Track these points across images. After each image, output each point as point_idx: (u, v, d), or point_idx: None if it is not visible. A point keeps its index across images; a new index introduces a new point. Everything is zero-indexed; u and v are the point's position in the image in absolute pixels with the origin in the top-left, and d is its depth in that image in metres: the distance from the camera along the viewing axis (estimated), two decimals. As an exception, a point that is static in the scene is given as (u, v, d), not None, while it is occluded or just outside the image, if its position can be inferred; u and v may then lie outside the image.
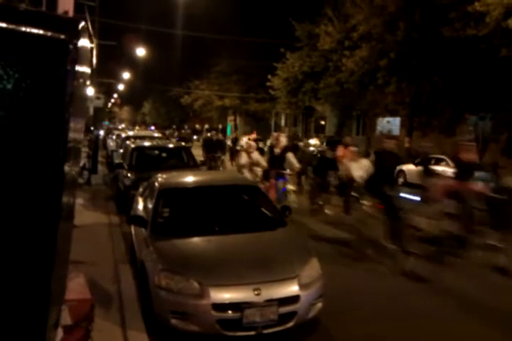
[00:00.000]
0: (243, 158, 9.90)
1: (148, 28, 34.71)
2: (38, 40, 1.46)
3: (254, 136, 24.37)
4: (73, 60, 1.51)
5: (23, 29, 1.44)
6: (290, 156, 9.97)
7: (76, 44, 1.50)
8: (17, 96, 1.44)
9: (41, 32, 1.46)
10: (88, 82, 2.17)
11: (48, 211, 1.51)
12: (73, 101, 1.57)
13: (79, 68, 1.60)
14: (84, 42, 1.65)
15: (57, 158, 1.52)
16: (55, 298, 1.71)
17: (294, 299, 4.36)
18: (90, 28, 19.59)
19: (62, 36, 1.48)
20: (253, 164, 9.85)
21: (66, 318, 2.56)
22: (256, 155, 10.01)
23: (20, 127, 1.47)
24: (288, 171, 10.05)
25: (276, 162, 9.88)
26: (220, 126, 48.93)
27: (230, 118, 48.61)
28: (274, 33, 29.37)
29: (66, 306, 2.63)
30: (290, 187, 10.38)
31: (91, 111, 19.20)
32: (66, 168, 1.56)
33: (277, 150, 9.94)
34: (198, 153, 15.20)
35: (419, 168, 13.90)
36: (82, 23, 1.59)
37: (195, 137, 37.80)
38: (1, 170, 1.47)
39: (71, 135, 1.60)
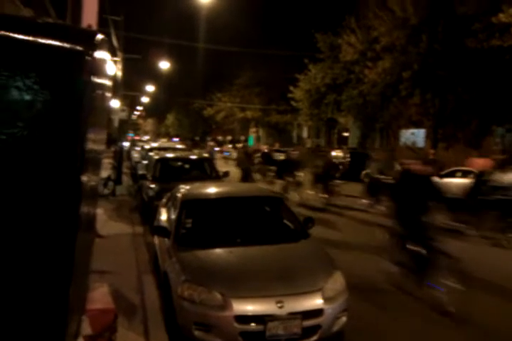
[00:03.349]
0: None
1: (172, 42, 35.30)
2: (56, 51, 1.48)
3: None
4: (90, 71, 1.52)
5: (41, 41, 1.46)
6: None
7: (93, 55, 1.52)
8: (35, 107, 1.46)
9: (58, 43, 1.48)
10: (109, 94, 2.19)
11: (65, 221, 1.51)
12: (91, 112, 1.58)
13: (97, 79, 1.62)
14: (102, 54, 1.67)
15: (75, 169, 1.52)
16: (74, 308, 1.71)
17: (317, 312, 4.29)
18: (116, 42, 20.03)
19: (79, 48, 1.50)
20: None
21: (87, 328, 2.56)
22: None
23: (38, 138, 1.48)
24: None
25: None
26: (243, 138, 49.14)
27: (252, 130, 48.79)
28: (297, 44, 29.53)
29: (88, 316, 2.63)
30: None
31: (116, 123, 19.51)
32: (84, 178, 1.57)
33: None
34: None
35: (445, 180, 13.72)
36: (100, 35, 1.61)
37: (216, 149, 36.66)
38: (19, 181, 1.48)
39: (90, 145, 1.60)
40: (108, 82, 2.20)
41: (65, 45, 1.54)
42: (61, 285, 1.60)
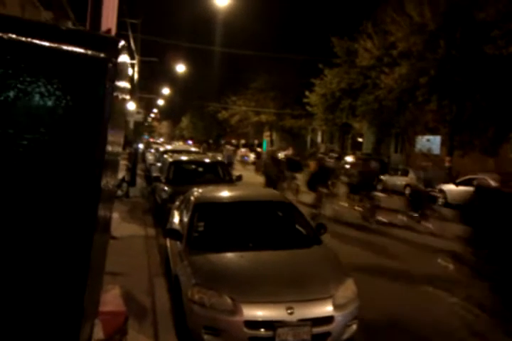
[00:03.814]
0: None
1: (189, 45, 35.59)
2: (78, 58, 1.51)
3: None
4: (112, 78, 1.55)
5: (64, 47, 1.49)
6: None
7: (115, 62, 1.54)
8: (57, 113, 1.49)
9: (81, 50, 1.51)
10: (128, 97, 2.21)
11: (83, 224, 1.54)
12: (112, 117, 1.61)
13: (118, 85, 1.64)
14: (123, 60, 1.69)
15: (95, 173, 1.55)
16: (88, 312, 1.72)
17: (327, 320, 4.26)
18: (133, 45, 20.26)
19: (102, 55, 1.52)
20: None
21: (99, 332, 2.57)
22: None
23: (59, 143, 1.51)
24: None
25: None
26: (256, 142, 49.19)
27: (266, 134, 48.82)
28: (313, 49, 29.51)
29: (99, 319, 2.64)
30: None
31: (131, 125, 19.68)
32: (103, 181, 1.59)
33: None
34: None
35: (460, 188, 13.57)
36: (122, 42, 1.63)
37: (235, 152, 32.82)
38: (40, 185, 1.51)
39: (109, 148, 1.63)
40: (128, 86, 2.23)
41: (88, 51, 1.56)
42: (76, 289, 1.61)
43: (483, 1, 16.53)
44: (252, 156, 33.30)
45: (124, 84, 1.95)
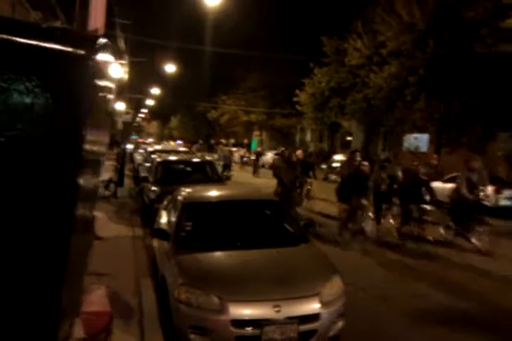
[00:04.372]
0: None
1: (179, 45, 35.46)
2: (57, 55, 1.50)
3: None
4: (92, 75, 1.54)
5: (43, 45, 1.48)
6: None
7: (95, 60, 1.54)
8: (35, 110, 1.48)
9: (60, 48, 1.50)
10: (112, 96, 2.19)
11: (60, 223, 1.52)
12: (92, 115, 1.60)
13: (98, 83, 1.63)
14: (104, 58, 1.68)
15: (73, 171, 1.54)
16: (66, 310, 1.71)
17: (314, 317, 4.27)
18: (123, 45, 20.13)
19: (81, 52, 1.52)
20: None
21: (79, 331, 2.55)
22: None
23: (37, 140, 1.50)
24: None
25: None
26: (246, 141, 49.19)
27: (256, 133, 48.85)
28: (303, 48, 29.57)
29: (82, 318, 2.63)
30: None
31: (120, 126, 19.58)
32: (82, 180, 1.58)
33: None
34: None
35: (447, 185, 13.60)
36: (102, 40, 1.63)
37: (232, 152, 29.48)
38: (16, 182, 1.49)
39: (89, 147, 1.62)
40: (110, 85, 2.22)
41: (67, 49, 1.56)
42: (53, 288, 1.60)
43: (471, 0, 16.68)
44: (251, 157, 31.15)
45: (105, 82, 1.94)
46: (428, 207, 9.52)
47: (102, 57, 1.64)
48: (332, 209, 11.95)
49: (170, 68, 35.82)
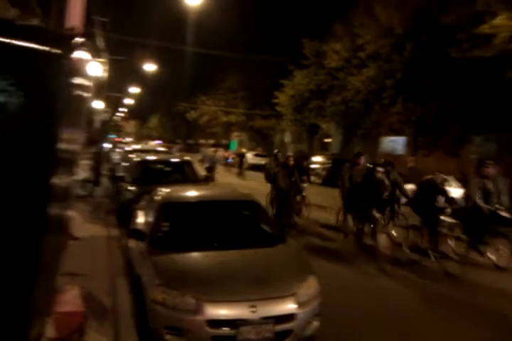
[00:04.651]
0: None
1: (159, 44, 35.16)
2: (32, 54, 1.49)
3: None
4: (67, 74, 1.53)
5: (18, 43, 1.46)
6: None
7: (70, 58, 1.52)
8: (8, 109, 1.46)
9: (36, 46, 1.49)
10: (88, 94, 2.18)
11: (33, 222, 1.51)
12: (67, 113, 1.58)
13: (74, 81, 1.62)
14: (81, 56, 1.67)
15: (46, 170, 1.52)
16: (38, 310, 1.69)
17: (290, 317, 4.30)
18: (102, 44, 19.89)
19: (57, 50, 1.50)
20: None
21: (51, 331, 2.53)
22: None
23: (10, 138, 1.48)
24: None
25: None
26: (225, 142, 49.12)
27: (235, 134, 48.82)
28: (283, 50, 29.69)
29: (55, 318, 2.60)
30: None
31: (97, 124, 19.34)
32: (55, 180, 1.56)
33: None
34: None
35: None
36: (78, 38, 1.62)
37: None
38: None
39: (63, 146, 1.60)
40: (87, 83, 2.19)
41: (43, 47, 1.54)
42: (25, 287, 1.58)
43: (449, 6, 17.02)
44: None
45: (82, 80, 1.92)
46: (447, 218, 8.33)
47: (78, 55, 1.63)
48: (328, 216, 11.66)
49: (149, 67, 35.57)
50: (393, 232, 8.75)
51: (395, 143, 24.60)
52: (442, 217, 8.24)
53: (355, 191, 9.13)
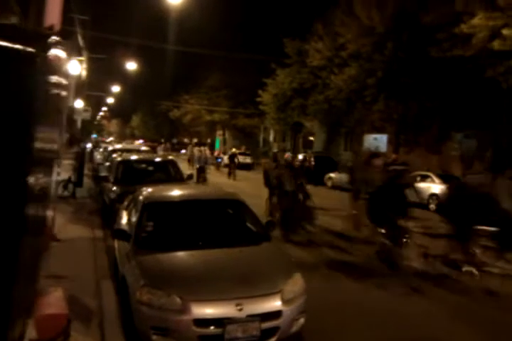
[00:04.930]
0: None
1: (140, 42, 34.88)
2: (6, 52, 1.46)
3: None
4: (43, 73, 1.51)
5: None
6: None
7: (45, 56, 1.51)
8: None
9: (9, 45, 1.46)
10: (65, 93, 2.15)
11: (10, 223, 1.48)
12: (43, 112, 1.56)
13: (49, 79, 1.60)
14: (57, 55, 1.65)
15: (22, 170, 1.50)
16: (18, 311, 1.67)
17: (276, 314, 4.31)
18: (82, 42, 19.65)
19: (31, 49, 1.48)
20: None
21: (32, 332, 2.50)
22: None
23: None
24: None
25: None
26: (209, 141, 48.98)
27: (219, 132, 48.74)
28: (266, 48, 29.71)
29: (37, 320, 2.57)
30: None
31: (79, 124, 19.11)
32: (32, 180, 1.54)
33: None
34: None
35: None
36: (54, 37, 1.60)
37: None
38: None
39: (40, 145, 1.58)
40: (65, 82, 2.16)
41: (16, 46, 1.52)
42: (3, 288, 1.56)
43: (429, 5, 17.23)
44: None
45: (60, 79, 1.90)
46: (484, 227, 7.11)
47: (55, 53, 1.61)
48: (335, 222, 10.57)
49: (131, 66, 35.26)
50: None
51: (378, 141, 24.84)
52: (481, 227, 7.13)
53: (378, 198, 7.75)
